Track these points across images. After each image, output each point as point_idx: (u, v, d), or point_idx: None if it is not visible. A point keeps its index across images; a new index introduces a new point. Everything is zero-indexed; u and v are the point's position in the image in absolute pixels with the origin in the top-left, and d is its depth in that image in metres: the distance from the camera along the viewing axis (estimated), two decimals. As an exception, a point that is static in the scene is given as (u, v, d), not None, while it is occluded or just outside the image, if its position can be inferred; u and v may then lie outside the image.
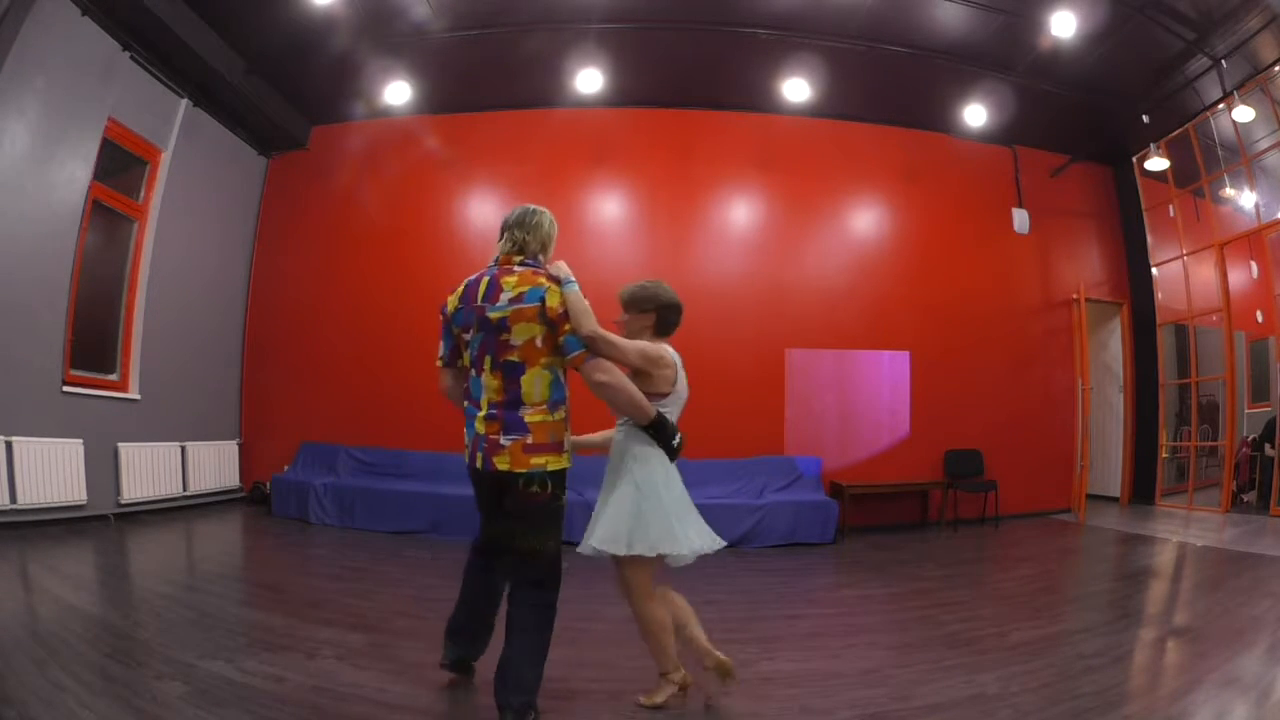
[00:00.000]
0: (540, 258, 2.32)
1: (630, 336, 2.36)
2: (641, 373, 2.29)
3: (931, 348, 6.95)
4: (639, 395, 2.22)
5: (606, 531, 2.26)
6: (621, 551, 2.21)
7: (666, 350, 2.35)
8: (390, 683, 2.50)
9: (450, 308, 2.32)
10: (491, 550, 2.44)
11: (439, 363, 2.40)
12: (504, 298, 2.18)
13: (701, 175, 6.98)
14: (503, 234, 2.34)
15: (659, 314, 2.39)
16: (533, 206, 2.38)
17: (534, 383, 2.18)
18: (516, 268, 2.25)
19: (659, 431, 2.27)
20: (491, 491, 2.29)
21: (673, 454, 2.31)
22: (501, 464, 2.16)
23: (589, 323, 2.13)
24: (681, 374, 2.39)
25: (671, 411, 2.35)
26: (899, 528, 6.57)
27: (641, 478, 2.26)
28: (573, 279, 2.20)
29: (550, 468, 2.17)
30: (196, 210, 6.41)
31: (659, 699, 2.34)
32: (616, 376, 2.19)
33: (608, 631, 3.06)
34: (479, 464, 2.21)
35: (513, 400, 2.18)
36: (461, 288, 2.31)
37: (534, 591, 2.20)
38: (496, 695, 2.12)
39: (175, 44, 5.52)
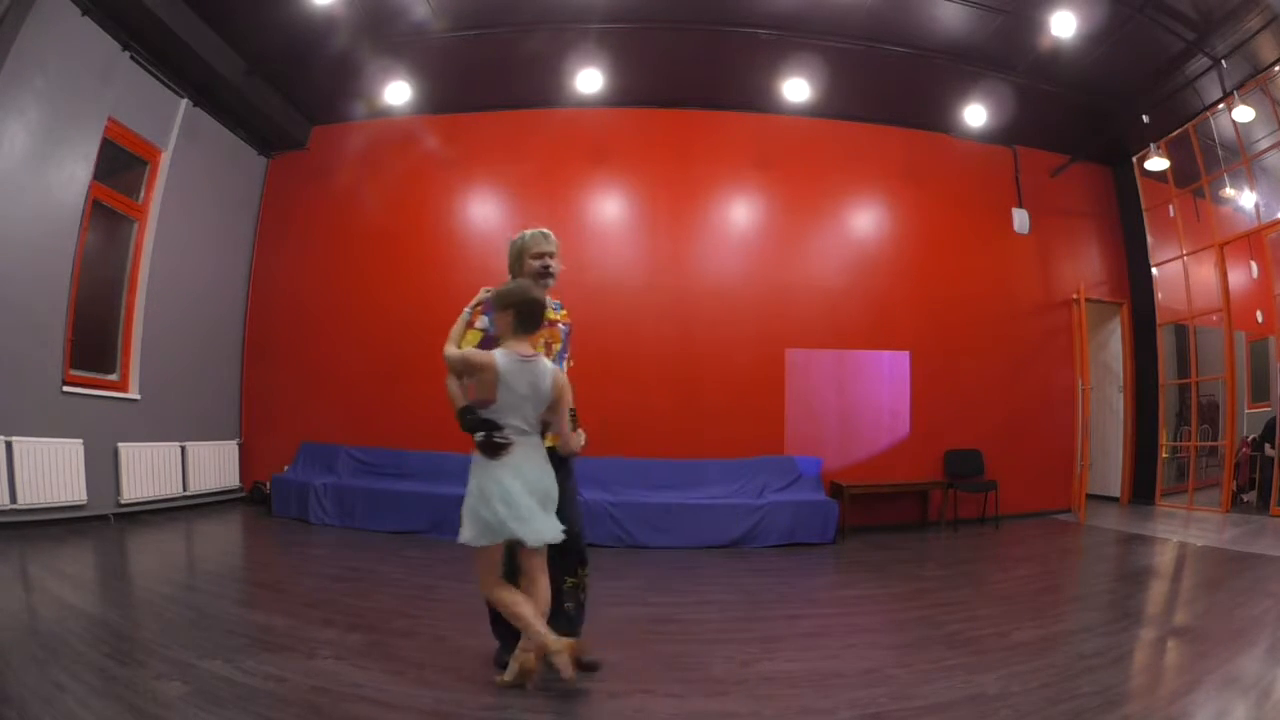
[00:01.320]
0: (509, 276, 2.70)
1: (500, 334, 2.53)
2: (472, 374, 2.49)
3: (931, 348, 6.95)
4: (452, 390, 2.51)
5: None
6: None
7: (491, 353, 2.45)
8: (390, 683, 2.50)
9: None
10: None
11: None
12: None
13: (701, 175, 6.98)
14: None
15: (516, 311, 2.50)
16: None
17: None
18: None
19: (461, 422, 2.46)
20: None
21: (481, 449, 2.43)
22: None
23: (447, 344, 2.54)
24: (520, 379, 2.44)
25: (507, 415, 2.44)
26: (899, 528, 6.57)
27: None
28: (468, 307, 2.62)
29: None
30: (196, 210, 6.41)
31: (508, 677, 2.44)
32: (449, 379, 2.52)
33: (607, 631, 3.05)
34: None
35: None
36: None
37: None
38: None
39: (175, 44, 5.52)
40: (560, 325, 2.75)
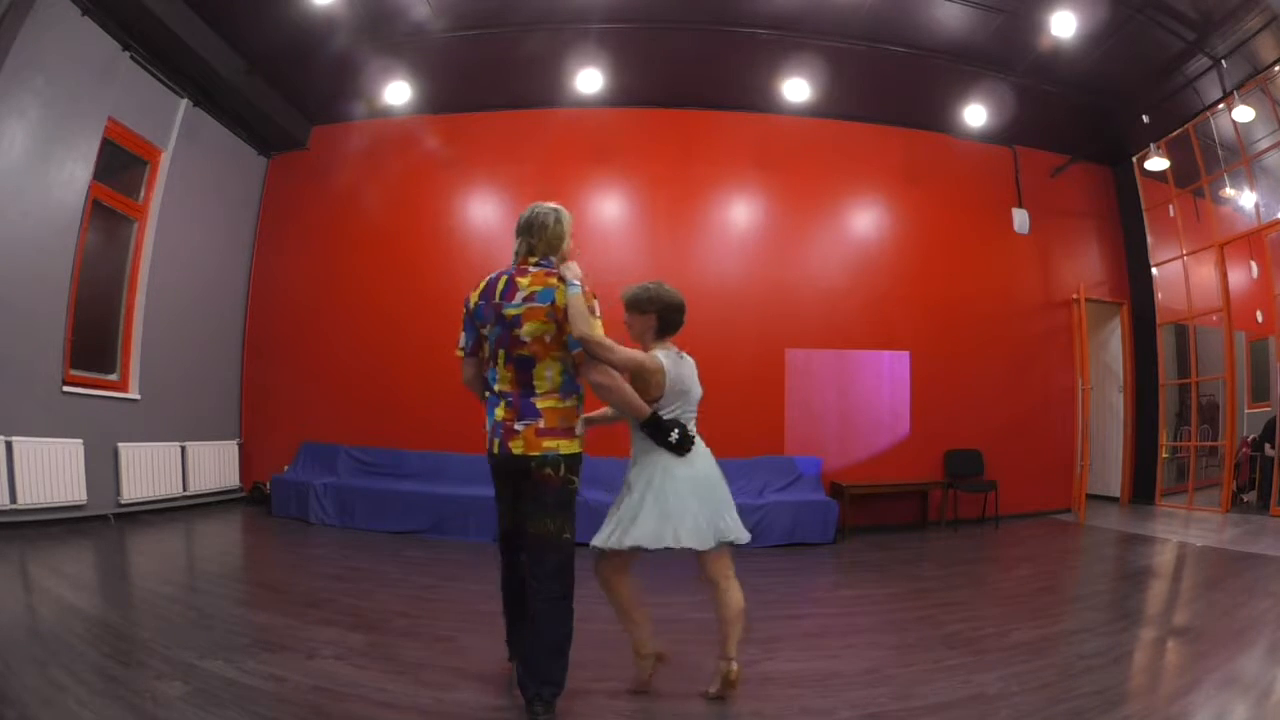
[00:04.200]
0: (552, 258, 2.40)
1: (634, 337, 2.50)
2: (635, 375, 2.39)
3: (931, 348, 6.95)
4: (633, 395, 2.38)
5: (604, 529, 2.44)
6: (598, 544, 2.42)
7: (657, 356, 2.44)
8: (390, 683, 2.50)
9: (472, 303, 2.43)
10: (512, 543, 2.49)
11: (459, 352, 2.49)
12: (519, 296, 2.32)
13: (701, 175, 6.97)
14: (517, 237, 2.44)
15: (660, 315, 2.50)
16: (542, 207, 2.43)
17: (544, 373, 2.31)
18: (531, 269, 2.37)
19: (654, 430, 2.40)
20: (510, 478, 2.39)
21: (674, 450, 2.42)
22: (516, 448, 2.29)
23: (582, 325, 2.21)
24: (682, 375, 2.48)
25: (676, 410, 2.46)
26: (899, 528, 6.57)
27: (632, 477, 2.45)
28: (576, 282, 2.26)
29: (562, 451, 2.29)
30: (196, 210, 6.41)
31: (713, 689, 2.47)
32: (611, 377, 2.31)
33: (607, 631, 3.06)
34: (496, 449, 2.35)
35: (525, 389, 2.32)
36: (483, 284, 2.43)
37: (550, 584, 2.25)
38: (523, 686, 2.22)
39: (175, 44, 5.52)
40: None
